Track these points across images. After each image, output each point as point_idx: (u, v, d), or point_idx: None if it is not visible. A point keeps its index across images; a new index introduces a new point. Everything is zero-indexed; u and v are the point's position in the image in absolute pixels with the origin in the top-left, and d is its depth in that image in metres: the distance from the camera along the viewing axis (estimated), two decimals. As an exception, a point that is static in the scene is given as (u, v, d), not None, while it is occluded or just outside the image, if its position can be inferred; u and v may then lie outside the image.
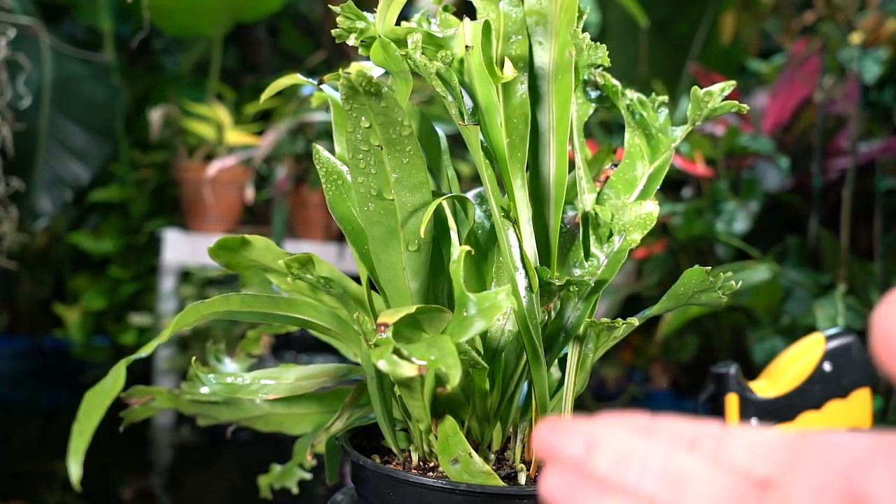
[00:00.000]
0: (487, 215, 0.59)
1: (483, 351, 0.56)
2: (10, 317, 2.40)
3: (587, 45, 0.55)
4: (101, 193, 2.19)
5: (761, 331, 1.60)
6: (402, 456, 0.58)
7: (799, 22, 2.05)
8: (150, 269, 2.20)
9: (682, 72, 2.48)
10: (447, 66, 0.50)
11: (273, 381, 0.59)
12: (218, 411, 0.65)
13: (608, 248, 0.55)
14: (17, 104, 1.84)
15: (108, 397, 0.47)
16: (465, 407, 0.55)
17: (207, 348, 0.68)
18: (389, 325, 0.43)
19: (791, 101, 1.91)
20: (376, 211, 0.51)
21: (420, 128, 0.58)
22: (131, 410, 0.65)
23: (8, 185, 1.79)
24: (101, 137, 2.09)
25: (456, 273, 0.46)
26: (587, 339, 0.54)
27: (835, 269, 1.65)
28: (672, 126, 0.58)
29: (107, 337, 2.20)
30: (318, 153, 0.56)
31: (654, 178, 0.57)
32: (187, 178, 2.01)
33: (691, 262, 1.86)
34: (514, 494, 0.49)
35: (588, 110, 0.59)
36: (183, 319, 0.51)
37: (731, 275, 0.52)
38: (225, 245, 0.58)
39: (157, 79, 2.46)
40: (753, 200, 1.74)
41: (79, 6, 2.25)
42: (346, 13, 0.52)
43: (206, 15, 2.18)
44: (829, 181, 1.82)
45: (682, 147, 1.83)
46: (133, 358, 0.49)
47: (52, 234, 2.35)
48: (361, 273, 0.57)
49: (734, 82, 0.54)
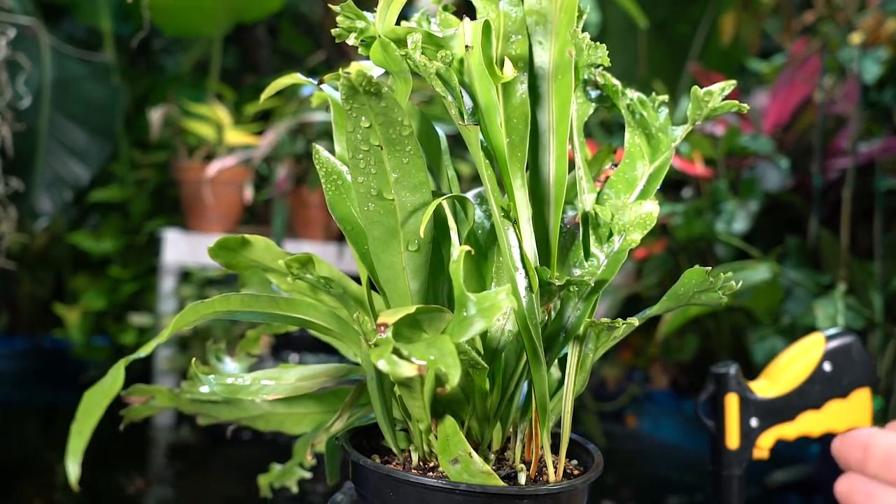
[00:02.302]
0: (487, 215, 0.58)
1: (483, 351, 0.56)
2: (10, 317, 2.40)
3: (587, 44, 0.55)
4: (101, 193, 2.19)
5: (761, 331, 1.60)
6: (402, 456, 0.58)
7: (799, 22, 2.05)
8: (150, 269, 2.20)
9: (682, 72, 2.48)
10: (447, 65, 0.50)
11: (273, 382, 0.59)
12: (218, 410, 0.65)
13: (608, 248, 0.55)
14: (17, 104, 1.84)
15: (107, 397, 0.47)
16: (465, 407, 0.55)
17: (207, 348, 0.68)
18: (389, 325, 0.43)
19: (791, 101, 1.91)
20: (376, 211, 0.51)
21: (420, 128, 0.58)
22: (131, 409, 0.65)
23: (8, 185, 1.79)
24: (101, 137, 2.09)
25: (456, 273, 0.46)
26: (587, 339, 0.54)
27: (835, 269, 1.65)
28: (672, 126, 0.58)
29: (107, 337, 2.20)
30: (318, 153, 0.56)
31: (654, 178, 0.57)
32: (187, 178, 2.01)
33: (691, 262, 1.86)
34: (514, 494, 0.49)
35: (588, 110, 0.59)
36: (183, 319, 0.51)
37: (731, 275, 0.52)
38: (225, 245, 0.58)
39: (157, 79, 2.46)
40: (753, 200, 1.74)
41: (79, 6, 2.25)
42: (346, 13, 0.52)
43: (206, 15, 2.18)
44: (829, 181, 1.82)
45: (682, 147, 1.83)
46: (132, 357, 0.49)
47: (52, 234, 2.35)
48: (361, 273, 0.57)
49: (734, 82, 0.54)
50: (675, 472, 1.83)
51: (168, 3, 2.09)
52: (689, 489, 1.68)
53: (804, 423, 0.76)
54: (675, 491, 1.68)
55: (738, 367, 0.77)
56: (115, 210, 2.31)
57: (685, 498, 1.63)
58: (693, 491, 1.66)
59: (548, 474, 0.55)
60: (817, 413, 0.76)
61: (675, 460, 1.89)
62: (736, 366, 0.76)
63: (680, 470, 1.83)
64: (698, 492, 1.64)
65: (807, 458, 1.65)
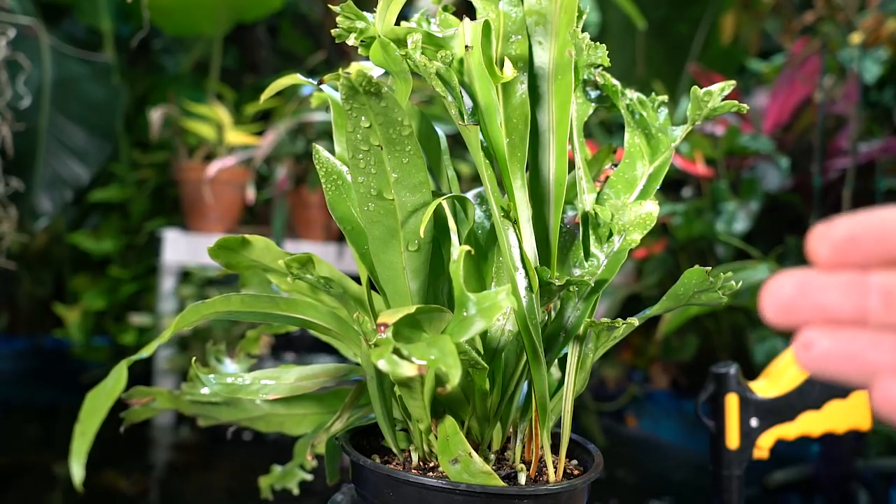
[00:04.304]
0: (487, 215, 0.58)
1: (483, 351, 0.56)
2: (10, 317, 2.40)
3: (587, 44, 0.55)
4: (101, 193, 2.20)
5: (761, 331, 1.60)
6: (402, 456, 0.58)
7: (799, 22, 2.05)
8: (150, 269, 2.20)
9: (682, 72, 2.48)
10: (447, 66, 0.50)
11: (273, 382, 0.59)
12: (218, 412, 0.65)
13: (608, 248, 0.55)
14: (17, 104, 1.84)
15: (109, 398, 0.47)
16: (465, 407, 0.55)
17: (207, 349, 0.68)
18: (389, 325, 0.43)
19: (791, 101, 1.91)
20: (376, 211, 0.51)
21: (420, 128, 0.58)
22: (132, 411, 0.65)
23: (8, 185, 1.79)
24: (101, 137, 2.09)
25: (456, 273, 0.46)
26: (587, 339, 0.54)
27: (835, 269, 1.65)
28: (672, 126, 0.58)
29: (107, 337, 2.20)
30: (318, 153, 0.56)
31: (654, 178, 0.57)
32: (187, 178, 2.01)
33: (691, 262, 1.86)
34: (514, 494, 0.49)
35: (588, 110, 0.59)
36: (184, 319, 0.51)
37: (731, 275, 0.52)
38: (225, 245, 0.58)
39: (157, 79, 2.46)
40: (753, 200, 1.74)
41: (79, 6, 2.25)
42: (346, 13, 0.52)
43: (206, 15, 2.18)
44: (829, 181, 1.82)
45: (682, 147, 1.83)
46: (134, 358, 0.49)
47: (52, 234, 2.35)
48: (361, 273, 0.57)
49: (734, 82, 0.54)
50: (675, 472, 1.83)
51: (168, 3, 2.09)
52: (688, 489, 1.68)
53: (804, 423, 0.76)
54: (675, 491, 1.68)
55: (738, 367, 0.77)
56: (115, 210, 2.31)
57: (685, 498, 1.63)
58: (693, 491, 1.66)
59: (548, 474, 0.55)
60: (817, 413, 0.76)
61: (675, 460, 1.89)
62: (736, 366, 0.76)
63: (680, 470, 1.83)
64: (698, 492, 1.64)
65: (807, 458, 1.65)
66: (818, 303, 0.27)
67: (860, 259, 0.27)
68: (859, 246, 0.27)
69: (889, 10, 1.69)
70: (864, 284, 0.26)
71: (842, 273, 0.27)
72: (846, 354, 0.26)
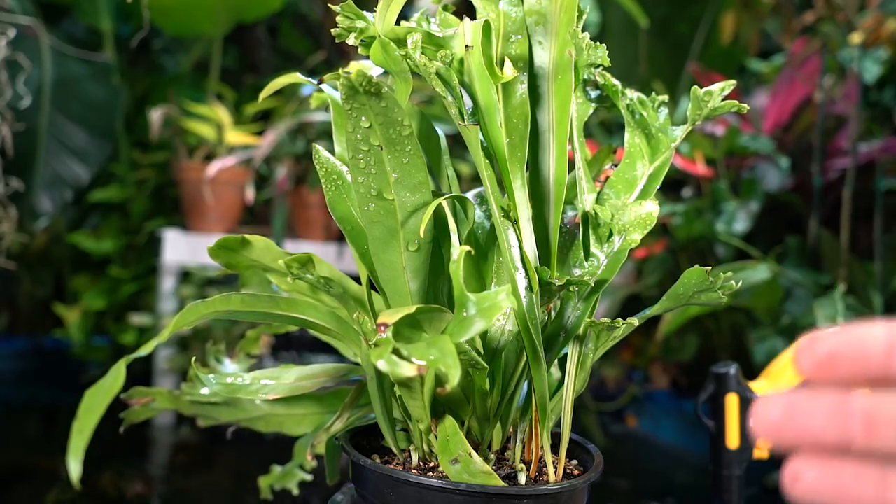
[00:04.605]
0: (487, 215, 0.58)
1: (483, 351, 0.56)
2: (10, 317, 2.40)
3: (587, 44, 0.55)
4: (101, 193, 2.19)
5: (761, 331, 1.60)
6: (402, 456, 0.58)
7: (799, 22, 2.05)
8: (150, 269, 2.20)
9: (682, 72, 2.48)
10: (447, 65, 0.50)
11: (273, 382, 0.59)
12: (218, 412, 0.65)
13: (608, 248, 0.55)
14: (17, 104, 1.84)
15: (107, 396, 0.47)
16: (465, 407, 0.55)
17: (207, 349, 0.68)
18: (389, 325, 0.43)
19: (791, 101, 1.91)
20: (376, 211, 0.51)
21: (420, 128, 0.58)
22: (131, 411, 0.65)
23: (8, 185, 1.79)
24: (101, 137, 2.09)
25: (456, 273, 0.46)
26: (587, 339, 0.54)
27: (835, 269, 1.65)
28: (672, 126, 0.58)
29: (107, 337, 2.20)
30: (318, 153, 0.56)
31: (654, 178, 0.57)
32: (187, 178, 2.01)
33: (691, 262, 1.86)
34: (514, 494, 0.49)
35: (588, 110, 0.59)
36: (183, 319, 0.51)
37: (731, 275, 0.52)
38: (225, 245, 0.58)
39: (157, 79, 2.46)
40: (753, 200, 1.74)
41: (79, 6, 2.25)
42: (346, 13, 0.52)
43: (206, 15, 2.18)
44: (829, 181, 1.82)
45: (683, 147, 1.83)
46: (133, 357, 0.49)
47: (52, 234, 2.35)
48: (361, 273, 0.57)
49: (734, 82, 0.54)
50: (674, 472, 1.83)
51: (168, 3, 2.09)
52: (688, 489, 1.68)
53: (804, 423, 0.76)
54: (675, 491, 1.68)
55: (738, 367, 0.77)
56: (115, 210, 2.31)
57: (685, 498, 1.63)
58: (693, 491, 1.66)
59: (548, 474, 0.55)
60: (817, 413, 0.76)
61: (675, 460, 1.89)
62: (736, 366, 0.76)
63: (680, 470, 1.83)
64: (698, 492, 1.64)
65: (807, 458, 1.65)
66: (804, 426, 0.27)
67: (842, 376, 0.27)
68: (840, 364, 0.27)
69: (889, 10, 1.69)
70: (848, 408, 0.26)
71: (826, 395, 0.27)
72: (832, 487, 0.26)
